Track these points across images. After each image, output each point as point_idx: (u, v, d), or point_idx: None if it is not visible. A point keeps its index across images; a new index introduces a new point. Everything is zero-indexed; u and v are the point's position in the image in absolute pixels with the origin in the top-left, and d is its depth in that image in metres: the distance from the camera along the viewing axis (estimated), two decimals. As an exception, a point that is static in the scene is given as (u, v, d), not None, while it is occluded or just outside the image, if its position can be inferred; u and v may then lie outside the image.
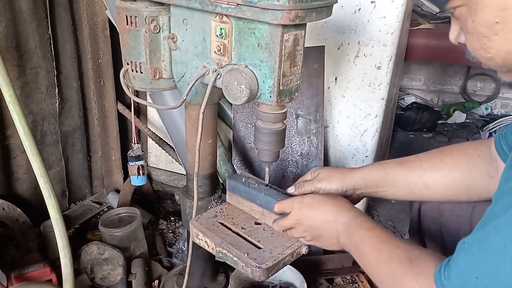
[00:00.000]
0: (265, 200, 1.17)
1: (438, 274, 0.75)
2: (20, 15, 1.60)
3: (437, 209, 1.16)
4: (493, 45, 0.71)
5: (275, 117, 1.04)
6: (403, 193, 1.13)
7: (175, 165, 2.29)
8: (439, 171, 1.07)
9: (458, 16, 0.75)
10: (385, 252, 0.88)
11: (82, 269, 1.64)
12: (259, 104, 1.04)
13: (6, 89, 1.24)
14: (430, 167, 1.08)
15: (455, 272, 0.72)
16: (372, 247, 0.92)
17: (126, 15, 1.11)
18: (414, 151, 1.19)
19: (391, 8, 1.67)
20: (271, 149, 1.08)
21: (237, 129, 1.88)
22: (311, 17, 0.89)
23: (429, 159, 1.10)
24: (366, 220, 0.98)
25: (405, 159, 1.14)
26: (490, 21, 0.69)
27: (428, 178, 1.08)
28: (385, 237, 0.92)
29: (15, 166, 1.75)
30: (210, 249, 1.14)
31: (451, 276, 0.72)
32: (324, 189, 1.13)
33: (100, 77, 1.96)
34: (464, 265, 0.71)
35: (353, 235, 0.96)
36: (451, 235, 1.13)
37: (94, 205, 2.11)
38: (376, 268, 0.90)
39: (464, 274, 0.70)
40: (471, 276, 0.69)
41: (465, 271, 0.70)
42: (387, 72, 1.78)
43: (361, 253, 0.94)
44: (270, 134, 1.06)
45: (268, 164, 1.15)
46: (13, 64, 1.62)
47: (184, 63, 1.12)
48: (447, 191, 1.08)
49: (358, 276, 1.79)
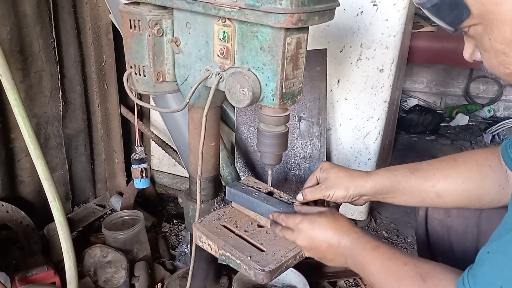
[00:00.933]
0: (266, 209, 1.17)
1: (462, 285, 0.74)
2: (24, 19, 1.61)
3: (444, 211, 1.16)
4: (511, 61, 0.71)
5: (277, 120, 1.04)
6: (413, 201, 1.11)
7: (178, 168, 2.30)
8: (452, 181, 1.06)
9: (472, 35, 0.75)
10: (393, 271, 0.88)
11: (86, 272, 1.64)
12: (262, 107, 1.04)
13: (11, 92, 1.25)
14: (444, 177, 1.06)
15: (481, 281, 0.72)
16: (379, 266, 0.91)
17: (129, 19, 1.11)
18: (417, 153, 1.18)
19: (393, 11, 1.67)
20: (274, 151, 1.08)
21: (240, 132, 1.89)
22: (313, 21, 0.89)
23: (442, 168, 1.08)
24: (369, 240, 0.97)
25: (417, 166, 1.11)
26: (508, 38, 0.69)
27: (441, 188, 1.06)
28: (390, 255, 0.91)
29: (19, 169, 1.75)
30: (213, 251, 1.14)
31: (478, 285, 0.72)
32: (332, 196, 1.11)
33: (104, 80, 1.97)
34: (490, 274, 0.71)
35: (357, 258, 0.96)
36: (458, 237, 1.13)
37: (98, 208, 2.11)
38: None
39: (490, 283, 0.70)
40: (496, 285, 0.69)
41: (491, 279, 0.70)
42: (389, 74, 1.78)
43: (369, 274, 0.93)
44: (273, 137, 1.06)
45: (271, 167, 1.15)
46: (18, 68, 1.63)
47: (187, 67, 1.12)
48: (459, 200, 1.07)
49: (361, 279, 1.79)
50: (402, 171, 1.10)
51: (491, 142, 3.32)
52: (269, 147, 1.08)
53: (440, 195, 1.07)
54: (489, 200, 1.05)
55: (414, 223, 2.28)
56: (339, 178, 1.12)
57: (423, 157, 2.94)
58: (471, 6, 0.69)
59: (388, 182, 1.10)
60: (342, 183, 1.11)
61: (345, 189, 1.10)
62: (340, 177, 1.12)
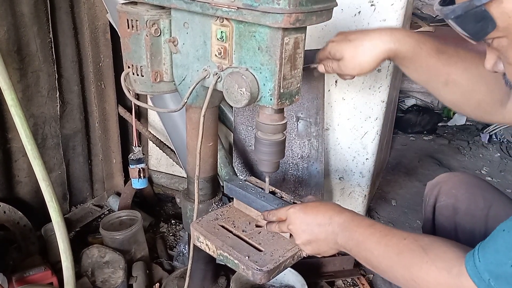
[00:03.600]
0: (261, 205, 1.17)
1: (472, 256, 0.74)
2: (22, 19, 1.61)
3: (453, 208, 1.15)
4: None
5: (275, 128, 1.04)
6: (418, 77, 1.09)
7: (176, 168, 2.30)
8: (468, 76, 1.03)
9: (496, 47, 0.73)
10: (393, 245, 0.87)
11: (83, 272, 1.64)
12: (260, 115, 1.04)
13: (8, 92, 1.25)
14: (463, 68, 1.03)
15: (492, 258, 0.71)
16: (377, 242, 0.90)
17: (127, 19, 1.11)
18: (415, 153, 1.18)
19: (391, 11, 1.68)
20: (271, 159, 1.09)
21: (238, 132, 1.89)
22: (311, 21, 0.90)
23: (466, 59, 1.04)
24: (363, 218, 0.98)
25: (445, 49, 1.06)
26: None
27: (453, 80, 1.04)
28: (387, 231, 0.90)
29: (16, 169, 1.75)
30: (211, 252, 1.14)
31: (487, 258, 0.72)
32: (353, 74, 1.09)
33: (101, 80, 1.97)
34: (503, 252, 0.70)
35: (352, 234, 0.95)
36: (466, 234, 1.12)
37: (95, 208, 2.11)
38: (385, 263, 0.89)
39: (501, 260, 0.70)
40: (507, 262, 0.69)
41: (503, 257, 0.70)
42: (387, 74, 1.79)
43: (365, 250, 0.93)
44: (270, 145, 1.06)
45: (268, 174, 1.15)
46: (15, 68, 1.62)
47: (185, 66, 1.12)
48: (461, 97, 1.05)
49: (359, 279, 1.79)
50: (428, 48, 1.05)
51: (489, 142, 3.33)
52: (266, 155, 1.08)
53: (447, 84, 1.05)
54: (485, 110, 1.05)
55: (412, 222, 2.29)
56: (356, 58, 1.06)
57: (420, 157, 2.98)
58: (497, 19, 0.67)
59: (410, 54, 1.05)
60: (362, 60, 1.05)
61: (367, 64, 1.05)
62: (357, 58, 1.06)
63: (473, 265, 0.74)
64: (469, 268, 0.74)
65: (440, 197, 1.21)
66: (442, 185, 1.23)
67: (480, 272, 0.72)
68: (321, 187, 1.86)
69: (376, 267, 0.92)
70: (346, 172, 1.99)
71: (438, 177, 1.29)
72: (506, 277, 0.69)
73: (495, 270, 0.71)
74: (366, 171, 1.96)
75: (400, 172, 2.79)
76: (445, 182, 1.24)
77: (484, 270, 0.72)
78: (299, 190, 1.88)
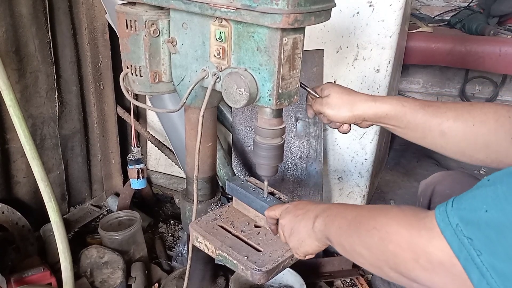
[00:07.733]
0: (261, 205, 1.18)
1: (445, 204, 0.66)
2: (20, 19, 1.61)
3: None
4: None
5: (273, 133, 1.05)
6: (414, 136, 1.06)
7: (175, 168, 2.30)
8: (463, 122, 0.99)
9: None
10: (377, 209, 0.81)
11: (82, 272, 1.64)
12: (258, 119, 1.05)
13: (7, 93, 1.25)
14: (454, 116, 1.00)
15: (467, 203, 0.64)
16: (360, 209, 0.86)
17: (126, 19, 1.11)
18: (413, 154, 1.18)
19: (390, 12, 1.68)
20: (269, 163, 1.09)
21: (237, 132, 1.89)
22: (310, 21, 0.90)
23: (456, 108, 1.01)
24: (348, 204, 0.95)
25: (430, 103, 1.04)
26: None
27: (448, 127, 1.00)
28: (372, 207, 0.85)
29: (14, 170, 1.75)
30: (210, 252, 1.14)
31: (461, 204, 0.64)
32: (331, 116, 1.09)
33: (100, 80, 1.97)
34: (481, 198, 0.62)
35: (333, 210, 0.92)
36: None
37: (94, 209, 2.11)
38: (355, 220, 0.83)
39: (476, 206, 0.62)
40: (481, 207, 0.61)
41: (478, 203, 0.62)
42: (386, 75, 1.79)
43: (348, 228, 0.85)
44: (268, 149, 1.06)
45: (267, 178, 1.15)
46: (13, 68, 1.62)
47: (183, 67, 1.12)
48: (464, 142, 1.00)
49: (358, 279, 1.80)
50: (411, 105, 1.04)
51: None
52: (264, 159, 1.08)
53: (445, 134, 1.01)
54: (497, 150, 0.97)
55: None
56: (342, 98, 1.08)
57: (419, 157, 2.98)
58: None
59: (394, 113, 1.05)
60: (344, 106, 1.07)
61: (346, 111, 1.07)
62: (342, 98, 1.08)
63: (443, 210, 0.66)
64: (438, 213, 0.66)
65: (434, 197, 1.20)
66: (436, 185, 1.22)
67: (448, 216, 0.64)
68: (320, 187, 1.86)
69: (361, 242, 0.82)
70: (345, 172, 1.99)
71: (432, 176, 1.26)
72: (478, 222, 0.61)
73: (467, 215, 0.62)
74: (365, 171, 1.97)
75: (399, 173, 2.79)
76: (439, 182, 1.22)
77: (455, 214, 0.64)
78: (298, 190, 1.88)
